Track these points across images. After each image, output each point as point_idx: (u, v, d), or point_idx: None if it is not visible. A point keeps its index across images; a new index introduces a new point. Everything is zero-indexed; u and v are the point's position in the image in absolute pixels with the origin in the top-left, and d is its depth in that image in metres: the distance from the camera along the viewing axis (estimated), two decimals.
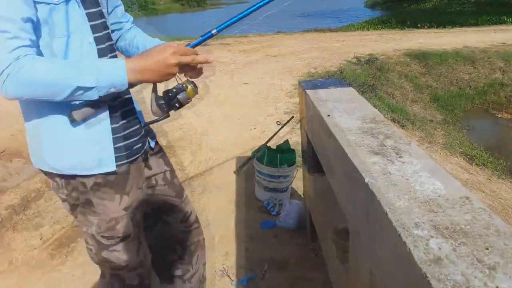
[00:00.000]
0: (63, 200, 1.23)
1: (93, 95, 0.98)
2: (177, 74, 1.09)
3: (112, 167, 1.15)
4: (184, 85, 1.15)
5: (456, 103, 6.72)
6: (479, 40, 8.99)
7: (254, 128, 4.33)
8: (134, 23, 1.41)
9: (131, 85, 1.03)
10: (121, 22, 1.35)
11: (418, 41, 9.51)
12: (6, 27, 0.89)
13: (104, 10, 1.17)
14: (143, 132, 1.28)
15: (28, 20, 0.93)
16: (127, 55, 1.35)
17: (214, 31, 1.14)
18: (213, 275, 2.12)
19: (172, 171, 1.47)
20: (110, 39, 1.18)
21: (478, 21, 13.57)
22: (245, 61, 8.05)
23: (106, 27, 1.15)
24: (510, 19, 13.30)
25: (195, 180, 3.24)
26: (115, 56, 1.20)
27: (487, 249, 0.64)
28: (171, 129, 4.31)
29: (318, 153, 1.70)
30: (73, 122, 1.06)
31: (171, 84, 1.15)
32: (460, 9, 17.80)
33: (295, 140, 3.54)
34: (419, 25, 13.46)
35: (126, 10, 1.37)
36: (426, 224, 0.73)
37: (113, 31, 1.29)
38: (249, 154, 3.30)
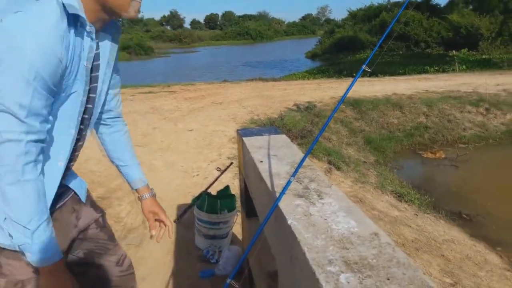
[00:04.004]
0: None
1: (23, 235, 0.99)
2: None
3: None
4: None
5: (387, 145, 7.21)
6: (406, 88, 9.86)
7: (197, 175, 4.31)
8: None
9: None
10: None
11: (353, 89, 10.10)
12: None
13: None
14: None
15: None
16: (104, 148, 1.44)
17: None
18: None
19: (103, 215, 1.44)
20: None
21: (406, 70, 14.97)
22: (190, 108, 8.11)
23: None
24: (432, 69, 14.86)
25: (132, 233, 3.11)
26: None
27: (388, 279, 0.70)
28: (108, 179, 4.11)
29: (253, 198, 1.74)
30: None
31: None
32: (390, 60, 19.39)
33: (238, 185, 3.57)
34: (354, 74, 14.46)
35: None
36: (339, 260, 0.78)
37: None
38: (190, 201, 3.27)
